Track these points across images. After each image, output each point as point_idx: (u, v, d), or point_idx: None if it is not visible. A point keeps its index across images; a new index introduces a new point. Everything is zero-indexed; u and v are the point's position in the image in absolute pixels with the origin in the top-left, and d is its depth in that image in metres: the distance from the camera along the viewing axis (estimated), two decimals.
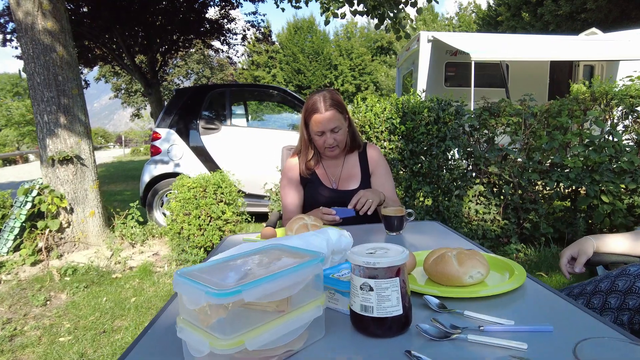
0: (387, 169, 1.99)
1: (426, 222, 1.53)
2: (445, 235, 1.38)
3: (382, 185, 1.93)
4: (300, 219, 1.36)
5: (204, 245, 3.44)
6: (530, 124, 3.70)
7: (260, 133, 5.20)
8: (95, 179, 3.83)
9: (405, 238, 1.36)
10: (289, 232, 1.35)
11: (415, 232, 1.41)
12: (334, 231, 0.98)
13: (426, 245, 1.27)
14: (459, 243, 1.29)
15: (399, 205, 1.87)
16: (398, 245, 0.76)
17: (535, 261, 3.47)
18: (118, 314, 2.68)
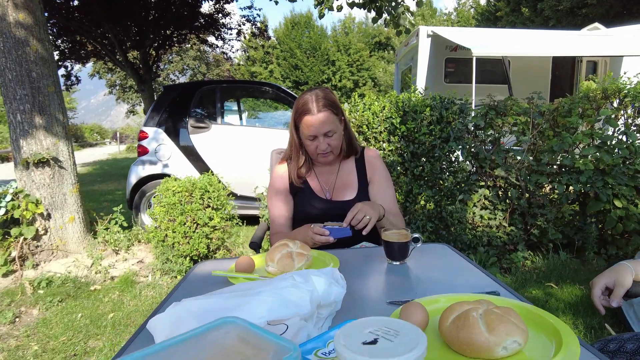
0: (386, 176, 1.76)
1: (433, 246, 1.30)
2: (456, 263, 1.16)
3: (381, 195, 1.71)
4: (284, 246, 1.13)
5: (190, 254, 3.21)
6: (537, 124, 3.48)
7: (252, 132, 4.96)
8: (75, 182, 3.59)
9: (409, 268, 1.13)
10: (269, 262, 1.12)
11: (420, 259, 1.19)
12: (321, 279, 0.75)
13: (435, 278, 1.05)
14: (474, 274, 1.06)
15: (401, 222, 1.64)
16: (411, 326, 0.53)
17: (544, 270, 3.25)
18: (93, 333, 2.46)
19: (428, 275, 1.07)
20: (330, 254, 1.24)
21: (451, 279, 1.04)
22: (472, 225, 3.52)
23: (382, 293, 0.97)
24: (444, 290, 0.96)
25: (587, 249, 3.45)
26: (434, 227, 3.15)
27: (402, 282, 1.03)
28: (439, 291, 0.96)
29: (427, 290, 0.97)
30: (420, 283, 1.02)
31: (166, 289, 3.07)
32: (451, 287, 0.98)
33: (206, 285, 1.08)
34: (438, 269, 1.12)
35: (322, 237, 1.38)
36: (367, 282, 1.04)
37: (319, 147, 1.59)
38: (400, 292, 0.97)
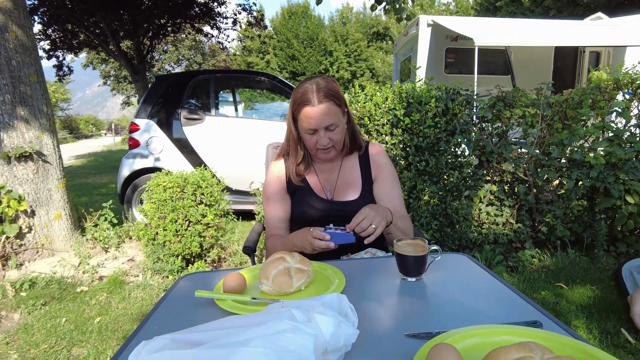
0: (393, 175, 1.60)
1: (451, 257, 1.14)
2: (480, 279, 1.00)
3: (386, 196, 1.55)
4: (280, 260, 0.97)
5: (182, 253, 3.05)
6: (546, 116, 3.32)
7: (248, 124, 4.78)
8: (61, 177, 3.41)
9: (426, 285, 0.97)
10: (263, 279, 0.96)
11: (437, 274, 1.03)
12: (328, 319, 0.59)
13: (459, 299, 0.89)
14: (503, 294, 0.91)
15: (409, 226, 1.48)
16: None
17: (552, 269, 3.12)
18: (77, 340, 2.30)
19: (449, 296, 0.91)
20: (334, 266, 1.08)
21: (478, 300, 0.88)
22: (478, 223, 3.37)
23: (397, 321, 0.81)
24: (471, 316, 0.81)
25: (596, 247, 3.31)
26: (439, 225, 3.00)
27: (420, 306, 0.87)
28: (465, 318, 0.80)
29: (451, 318, 0.81)
30: (442, 307, 0.87)
31: (157, 290, 2.91)
32: (479, 312, 0.83)
33: (190, 305, 0.92)
34: (460, 287, 0.96)
35: (322, 243, 1.23)
36: (379, 306, 0.88)
37: (319, 142, 1.42)
38: (420, 320, 0.81)
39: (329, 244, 1.22)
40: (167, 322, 0.86)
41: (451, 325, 0.78)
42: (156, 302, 0.97)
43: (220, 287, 0.97)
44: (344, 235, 1.23)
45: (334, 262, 1.19)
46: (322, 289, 0.96)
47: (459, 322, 0.79)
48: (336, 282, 0.96)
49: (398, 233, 1.40)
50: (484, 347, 0.63)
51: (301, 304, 0.66)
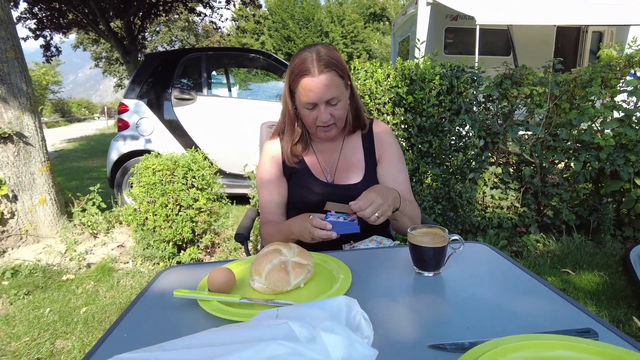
0: (399, 156, 1.45)
1: (470, 246, 1.00)
2: (507, 273, 0.87)
3: (392, 179, 1.40)
4: (276, 252, 0.83)
5: (173, 239, 2.91)
6: (554, 95, 3.16)
7: (242, 104, 4.58)
8: (45, 159, 3.24)
9: (445, 282, 0.84)
10: (255, 275, 0.82)
11: (456, 267, 0.90)
12: (337, 339, 0.45)
13: (486, 299, 0.75)
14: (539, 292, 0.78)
15: (417, 213, 1.34)
16: None
17: (558, 254, 3.01)
18: (61, 331, 2.17)
19: (474, 294, 0.78)
20: (336, 258, 0.94)
21: (509, 300, 0.74)
22: (482, 206, 3.25)
23: (416, 327, 0.67)
24: (505, 321, 0.67)
25: (602, 231, 3.21)
26: (442, 209, 2.87)
27: (441, 308, 0.73)
28: (499, 324, 0.67)
29: (481, 323, 0.68)
30: (468, 309, 0.73)
31: (147, 277, 2.79)
32: (513, 315, 0.69)
33: (170, 306, 0.79)
34: (486, 284, 0.82)
35: (323, 233, 1.09)
36: (391, 307, 0.74)
37: (319, 118, 1.27)
38: (443, 326, 0.68)
39: (331, 233, 1.09)
40: (141, 328, 0.73)
41: (483, 333, 0.64)
42: (132, 301, 0.83)
43: (204, 284, 0.83)
44: (348, 225, 1.09)
45: (336, 253, 1.05)
46: (324, 286, 0.82)
47: (491, 329, 0.66)
48: (341, 278, 0.82)
49: (406, 220, 1.27)
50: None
51: (302, 314, 0.52)
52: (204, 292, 0.78)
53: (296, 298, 0.79)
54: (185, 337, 0.52)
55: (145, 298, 0.84)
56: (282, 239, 1.29)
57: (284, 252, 0.84)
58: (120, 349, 0.67)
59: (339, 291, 0.77)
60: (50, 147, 12.64)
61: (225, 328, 0.54)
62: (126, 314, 0.77)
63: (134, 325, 0.73)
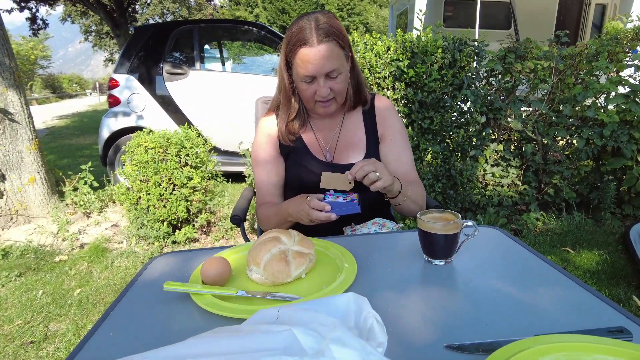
0: (402, 133, 1.37)
1: (480, 230, 0.94)
2: (522, 259, 0.81)
3: (395, 157, 1.33)
4: (275, 241, 0.76)
5: (168, 218, 2.85)
6: (559, 70, 3.07)
7: (236, 79, 4.44)
8: (32, 137, 3.13)
9: (456, 271, 0.78)
10: (253, 265, 0.75)
11: (467, 253, 0.83)
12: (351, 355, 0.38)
13: (502, 290, 0.69)
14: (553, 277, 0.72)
15: (421, 194, 1.27)
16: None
17: (558, 233, 2.98)
18: (55, 314, 2.13)
19: (490, 286, 0.72)
20: (340, 245, 0.88)
21: (529, 293, 0.69)
22: (482, 184, 3.20)
23: (428, 324, 0.62)
24: (527, 316, 0.62)
25: (602, 209, 3.17)
26: (442, 187, 2.82)
27: (455, 301, 0.68)
28: (521, 321, 0.61)
29: (501, 319, 0.62)
30: (484, 302, 0.67)
31: (142, 257, 2.74)
32: (535, 310, 0.63)
33: (160, 298, 0.72)
34: (501, 273, 0.76)
35: (322, 214, 1.03)
36: (400, 300, 0.68)
37: (318, 93, 1.18)
38: (459, 322, 0.62)
39: (330, 215, 1.02)
40: (128, 325, 0.66)
41: (503, 331, 0.59)
42: (120, 292, 0.77)
43: (197, 275, 0.77)
44: (348, 205, 1.03)
45: (338, 238, 0.98)
46: (327, 277, 0.76)
47: (512, 326, 0.60)
48: (345, 268, 0.76)
49: (410, 203, 1.20)
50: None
51: (307, 317, 0.46)
52: (197, 285, 0.72)
53: (297, 290, 0.73)
54: (173, 346, 0.45)
55: (134, 290, 0.77)
56: (279, 221, 1.23)
57: (283, 240, 0.77)
58: (106, 349, 0.61)
59: (344, 283, 0.71)
60: (41, 124, 12.42)
61: (218, 333, 0.48)
62: (112, 310, 0.70)
63: (121, 322, 0.67)
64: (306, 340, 0.42)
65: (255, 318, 0.53)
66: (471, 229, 0.80)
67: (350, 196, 1.08)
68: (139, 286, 0.79)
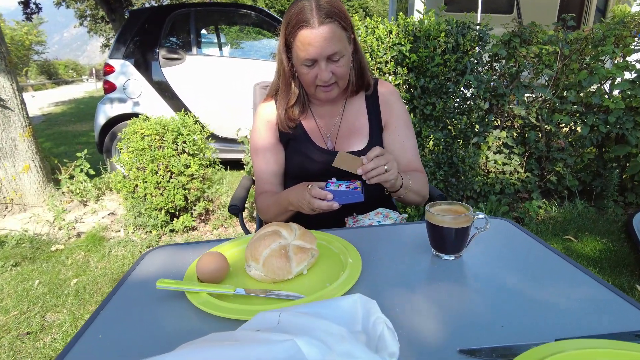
0: (406, 120, 1.32)
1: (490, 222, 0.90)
2: (537, 254, 0.77)
3: (399, 146, 1.29)
4: (274, 235, 0.72)
5: (165, 207, 2.81)
6: (564, 55, 2.99)
7: (234, 64, 4.35)
8: (26, 124, 3.06)
9: (467, 266, 0.74)
10: (251, 260, 0.71)
11: (477, 247, 0.79)
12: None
13: (517, 288, 0.66)
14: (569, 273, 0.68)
15: (424, 185, 1.23)
16: None
17: (560, 221, 2.95)
18: (51, 304, 2.10)
19: (503, 283, 0.68)
20: (342, 238, 0.84)
21: (545, 290, 0.65)
22: (485, 172, 3.16)
23: (441, 327, 0.58)
24: (546, 318, 0.58)
25: (605, 197, 3.14)
26: (443, 175, 2.77)
27: (466, 300, 0.63)
28: (539, 323, 0.57)
29: (515, 319, 0.58)
30: (498, 302, 0.63)
31: (139, 246, 2.70)
32: (554, 310, 0.59)
33: (153, 296, 0.68)
34: (514, 269, 0.72)
35: (324, 204, 0.98)
36: (411, 301, 0.64)
37: (319, 77, 1.12)
38: (472, 323, 0.58)
39: (332, 204, 0.98)
40: (119, 327, 0.62)
41: (521, 334, 0.55)
42: (112, 289, 0.73)
43: (193, 271, 0.72)
44: (351, 194, 0.98)
45: (340, 230, 0.94)
46: (331, 273, 0.72)
47: (530, 328, 0.56)
48: (350, 263, 0.72)
49: (411, 195, 1.16)
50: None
51: (311, 325, 0.41)
52: (192, 282, 0.68)
53: (299, 287, 0.69)
54: (162, 357, 0.41)
55: (125, 288, 0.73)
56: (279, 211, 1.19)
57: (283, 234, 0.73)
58: (93, 354, 0.57)
59: (348, 280, 0.67)
60: (38, 110, 12.28)
61: (213, 342, 0.44)
62: (101, 310, 0.66)
63: (111, 323, 0.63)
64: (310, 352, 0.38)
65: (255, 322, 0.49)
66: (482, 221, 0.76)
67: (353, 184, 1.03)
68: (130, 284, 0.74)
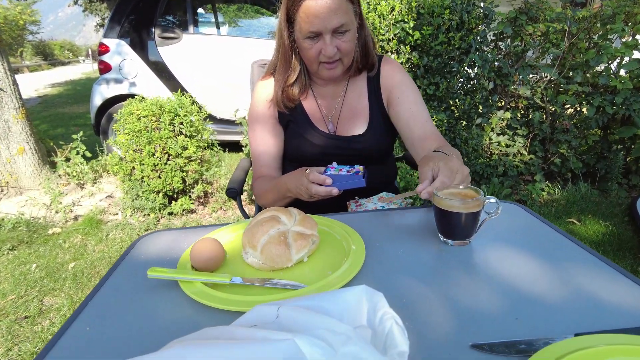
0: (414, 89, 1.20)
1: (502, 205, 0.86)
2: (551, 240, 0.73)
3: (411, 116, 1.15)
4: (273, 221, 0.67)
5: (163, 189, 2.77)
6: (571, 33, 2.91)
7: (232, 43, 4.24)
8: (19, 106, 2.99)
9: (476, 253, 0.70)
10: (249, 247, 0.67)
11: (487, 234, 0.75)
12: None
13: (532, 280, 0.62)
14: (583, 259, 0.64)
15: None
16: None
17: (564, 204, 2.92)
18: (49, 288, 2.08)
19: (516, 271, 0.64)
20: (345, 224, 0.80)
21: (562, 280, 0.61)
22: (487, 153, 3.11)
23: (452, 320, 0.54)
24: (563, 310, 0.54)
25: (609, 179, 3.10)
26: None
27: (478, 292, 0.59)
28: (556, 315, 0.53)
29: (530, 312, 0.54)
30: (511, 292, 0.59)
31: (137, 229, 2.67)
32: (572, 301, 0.56)
33: (146, 285, 0.64)
34: (527, 256, 0.68)
35: (322, 189, 0.93)
36: (419, 291, 0.60)
37: (323, 52, 1.05)
38: (484, 316, 0.54)
39: (331, 190, 0.92)
40: (107, 318, 0.59)
41: (537, 328, 0.51)
42: (104, 275, 0.69)
43: (187, 258, 0.68)
44: (351, 178, 0.93)
45: (342, 215, 0.90)
46: (333, 261, 0.68)
47: (547, 322, 0.52)
48: (352, 250, 0.68)
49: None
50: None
51: (312, 321, 0.37)
52: (185, 270, 0.64)
53: (299, 276, 0.65)
54: (151, 356, 0.37)
55: (116, 276, 0.69)
56: (277, 197, 1.13)
57: (283, 220, 0.69)
58: (79, 348, 0.53)
59: (351, 268, 0.63)
60: (34, 92, 12.13)
61: (204, 339, 0.40)
62: (91, 299, 0.63)
63: (99, 314, 0.59)
64: (312, 352, 0.34)
65: (251, 316, 0.45)
66: (493, 206, 0.71)
67: (355, 169, 0.98)
68: (121, 272, 0.70)
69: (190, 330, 0.44)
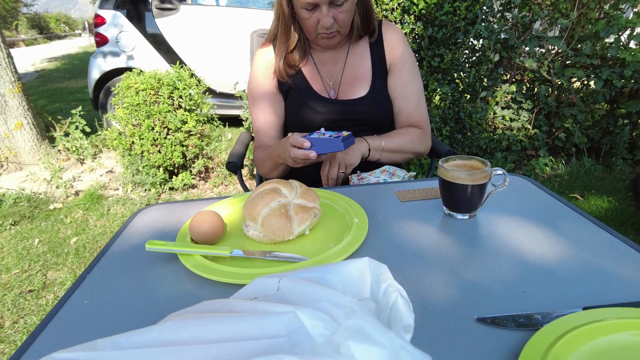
0: (411, 64, 1.22)
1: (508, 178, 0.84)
2: (554, 211, 0.71)
3: (402, 91, 1.20)
4: (273, 193, 0.65)
5: (163, 164, 2.75)
6: (582, 3, 2.81)
7: (232, 13, 4.13)
8: (14, 80, 2.94)
9: (481, 226, 0.68)
10: (249, 220, 0.65)
11: (492, 207, 0.74)
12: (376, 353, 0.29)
13: (539, 253, 0.60)
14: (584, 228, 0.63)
15: (424, 140, 1.18)
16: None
17: (567, 179, 2.89)
18: (52, 262, 2.09)
19: (522, 245, 0.62)
20: (346, 196, 0.78)
21: (569, 253, 0.59)
22: (492, 128, 3.06)
23: (456, 293, 0.53)
24: (570, 284, 0.53)
25: (614, 154, 3.06)
26: (450, 131, 2.69)
27: (484, 265, 0.58)
28: (564, 293, 0.52)
29: (537, 285, 0.53)
30: (517, 266, 0.58)
31: (139, 204, 2.67)
32: (579, 275, 0.54)
33: (144, 258, 0.63)
34: (534, 229, 0.67)
35: (299, 152, 0.91)
36: (422, 265, 0.59)
37: (321, 23, 1.03)
38: (489, 289, 0.53)
39: (309, 153, 0.90)
40: (106, 291, 0.58)
41: (543, 301, 0.50)
42: (96, 256, 0.68)
43: (186, 231, 0.67)
44: (330, 142, 0.89)
45: (344, 188, 0.88)
46: (335, 233, 0.66)
47: (554, 295, 0.51)
48: (355, 223, 0.66)
49: (390, 155, 1.16)
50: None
51: (314, 293, 0.36)
52: (184, 243, 0.62)
53: (301, 249, 0.63)
54: (150, 329, 0.36)
55: (114, 249, 0.68)
56: (272, 165, 1.13)
57: (283, 192, 0.67)
58: (78, 322, 0.52)
59: (353, 241, 0.61)
60: (30, 66, 11.96)
61: (204, 312, 0.38)
62: (89, 272, 0.61)
63: (98, 287, 0.58)
64: (315, 326, 0.32)
65: (252, 288, 0.43)
66: (500, 178, 0.69)
67: (339, 134, 0.94)
68: (119, 245, 0.69)
69: (189, 304, 0.43)
